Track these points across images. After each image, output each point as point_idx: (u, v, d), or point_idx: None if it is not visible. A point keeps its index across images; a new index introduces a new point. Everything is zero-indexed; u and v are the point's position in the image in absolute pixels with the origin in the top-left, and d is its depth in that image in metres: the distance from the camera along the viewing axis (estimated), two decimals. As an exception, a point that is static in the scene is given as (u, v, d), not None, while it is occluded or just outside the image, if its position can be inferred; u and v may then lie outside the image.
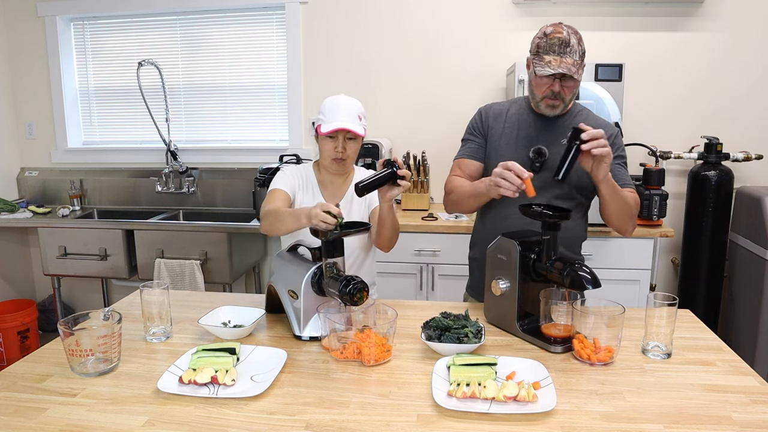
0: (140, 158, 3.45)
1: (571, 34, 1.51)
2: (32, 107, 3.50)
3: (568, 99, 1.60)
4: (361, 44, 3.13)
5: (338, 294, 1.27)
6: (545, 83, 1.57)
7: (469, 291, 1.88)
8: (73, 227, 2.90)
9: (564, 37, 1.51)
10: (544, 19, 2.93)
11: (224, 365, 1.16)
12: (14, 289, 3.49)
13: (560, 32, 1.52)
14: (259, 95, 3.35)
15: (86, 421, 1.02)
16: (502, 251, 1.39)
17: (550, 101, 1.60)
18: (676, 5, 2.83)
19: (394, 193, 1.53)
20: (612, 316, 1.24)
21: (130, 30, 3.41)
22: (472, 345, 1.26)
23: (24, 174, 3.53)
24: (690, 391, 1.12)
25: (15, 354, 3.09)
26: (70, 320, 1.21)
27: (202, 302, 1.66)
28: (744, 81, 2.85)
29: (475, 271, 1.85)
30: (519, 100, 1.75)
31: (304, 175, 1.78)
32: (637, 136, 2.86)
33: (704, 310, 2.69)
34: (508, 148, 1.68)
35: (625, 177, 1.68)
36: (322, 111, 1.68)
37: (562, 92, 1.57)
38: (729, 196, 2.66)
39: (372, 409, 1.06)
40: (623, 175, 1.68)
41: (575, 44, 1.51)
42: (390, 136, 3.11)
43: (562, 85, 1.56)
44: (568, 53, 1.50)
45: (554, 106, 1.60)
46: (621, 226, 1.63)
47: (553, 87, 1.56)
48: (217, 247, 2.78)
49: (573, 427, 0.99)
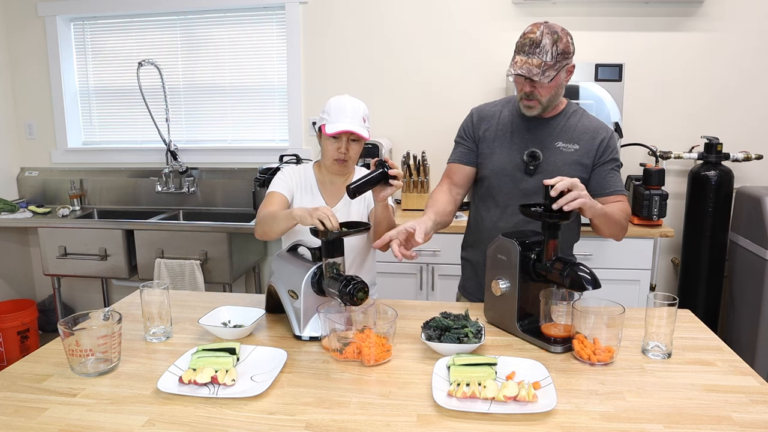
0: (140, 158, 3.45)
1: (545, 35, 1.48)
2: (32, 107, 3.50)
3: (546, 100, 1.57)
4: (361, 44, 3.13)
5: (338, 294, 1.27)
6: (519, 83, 1.57)
7: (461, 290, 1.87)
8: (73, 227, 2.90)
9: (536, 37, 1.49)
10: (543, 19, 2.93)
11: (224, 365, 1.16)
12: (14, 289, 3.49)
13: (534, 32, 1.50)
14: (259, 95, 3.35)
15: (86, 421, 1.02)
16: (502, 251, 1.39)
17: (526, 102, 1.58)
18: (676, 5, 2.83)
19: (387, 193, 1.52)
20: (612, 316, 1.24)
21: (130, 30, 3.41)
22: (472, 345, 1.26)
23: (24, 174, 3.53)
24: (690, 391, 1.12)
25: (15, 354, 3.09)
26: (70, 320, 1.21)
27: (202, 302, 1.66)
28: (744, 81, 2.85)
29: (467, 271, 1.84)
30: (512, 100, 1.72)
31: (303, 176, 1.78)
32: (637, 136, 2.86)
33: (704, 310, 2.69)
34: (502, 151, 1.67)
35: (616, 183, 1.65)
36: (327, 111, 1.67)
37: (536, 93, 1.55)
38: (729, 196, 2.66)
39: (372, 409, 1.06)
40: (615, 182, 1.64)
41: (547, 44, 1.48)
42: (390, 136, 3.11)
43: (533, 85, 1.54)
44: (536, 54, 1.48)
45: (530, 107, 1.59)
46: (612, 236, 1.62)
47: (524, 88, 1.55)
48: (217, 247, 2.78)
49: (573, 427, 0.99)
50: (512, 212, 1.65)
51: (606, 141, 1.64)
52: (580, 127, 1.65)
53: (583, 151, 1.63)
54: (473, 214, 1.80)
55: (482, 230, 1.73)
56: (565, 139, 1.63)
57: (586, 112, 1.71)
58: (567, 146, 1.63)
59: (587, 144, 1.63)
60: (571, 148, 1.63)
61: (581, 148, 1.63)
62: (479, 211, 1.75)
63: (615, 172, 1.66)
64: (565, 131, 1.64)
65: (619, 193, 1.64)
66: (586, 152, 1.63)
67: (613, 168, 1.65)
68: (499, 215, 1.68)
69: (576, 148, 1.63)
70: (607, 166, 1.64)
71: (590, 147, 1.63)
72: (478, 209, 1.76)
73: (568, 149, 1.63)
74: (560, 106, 1.67)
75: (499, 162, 1.67)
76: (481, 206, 1.74)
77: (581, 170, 1.62)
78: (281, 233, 1.60)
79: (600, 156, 1.63)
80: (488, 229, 1.70)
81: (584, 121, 1.67)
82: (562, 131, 1.64)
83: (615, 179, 1.65)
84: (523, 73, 1.48)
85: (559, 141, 1.63)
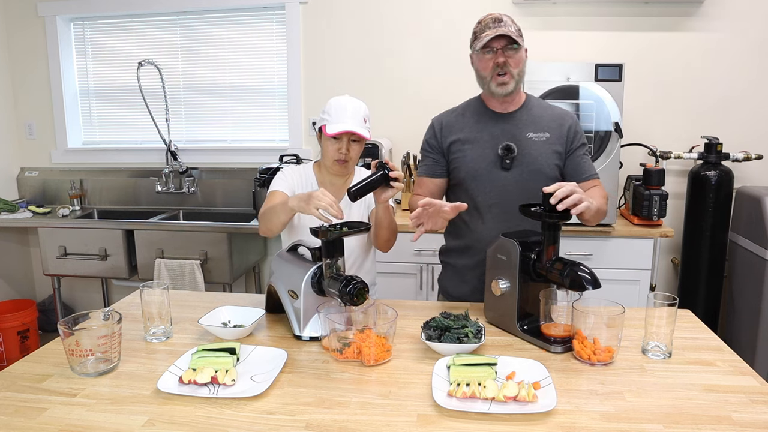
0: (140, 158, 3.45)
1: (502, 15, 1.57)
2: (32, 107, 3.50)
3: (517, 73, 1.58)
4: (361, 44, 3.13)
5: (338, 294, 1.27)
6: (489, 59, 1.57)
7: (442, 292, 1.85)
8: (73, 227, 2.90)
9: (496, 15, 1.57)
10: (544, 19, 2.94)
11: (224, 365, 1.16)
12: (14, 289, 3.49)
13: (492, 14, 1.58)
14: (259, 95, 3.35)
15: (86, 421, 1.02)
16: (502, 251, 1.39)
17: (499, 78, 1.57)
18: (676, 5, 2.83)
19: (388, 195, 1.52)
20: (612, 316, 1.24)
21: (130, 30, 3.41)
22: (472, 345, 1.26)
23: (24, 174, 3.53)
24: (690, 391, 1.12)
25: (15, 354, 3.09)
26: (70, 320, 1.21)
27: (202, 302, 1.66)
28: (744, 81, 2.85)
29: (448, 271, 1.82)
30: (471, 102, 1.74)
31: (304, 176, 1.78)
32: (637, 136, 2.86)
33: (704, 310, 2.69)
34: (474, 151, 1.65)
35: (590, 168, 1.68)
36: (328, 111, 1.66)
37: (508, 63, 1.56)
38: (729, 196, 2.66)
39: (372, 409, 1.06)
40: (589, 166, 1.68)
41: (508, 21, 1.56)
42: (390, 136, 3.11)
43: (505, 55, 1.56)
44: (502, 26, 1.54)
45: (504, 82, 1.58)
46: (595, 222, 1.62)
47: (497, 59, 1.56)
48: (217, 247, 2.78)
49: (573, 427, 0.99)
50: (497, 213, 1.63)
51: (574, 127, 1.66)
52: (546, 116, 1.66)
53: (554, 138, 1.64)
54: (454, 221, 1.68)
55: (465, 235, 1.70)
56: (534, 129, 1.64)
57: (547, 102, 1.73)
58: (538, 135, 1.64)
59: (556, 131, 1.65)
60: (542, 136, 1.64)
61: (552, 135, 1.64)
62: (460, 216, 1.65)
63: (586, 156, 1.69)
64: (532, 121, 1.65)
65: (594, 177, 1.68)
66: (557, 139, 1.64)
67: (585, 153, 1.69)
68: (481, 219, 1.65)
69: (547, 136, 1.64)
70: (579, 151, 1.67)
71: (560, 134, 1.65)
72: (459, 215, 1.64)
73: (540, 138, 1.64)
74: (521, 98, 1.68)
75: (473, 162, 1.65)
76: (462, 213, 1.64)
77: (557, 158, 1.64)
78: (283, 226, 1.60)
79: (571, 143, 1.66)
80: (477, 232, 1.67)
81: (548, 110, 1.69)
82: (530, 122, 1.65)
83: (588, 164, 1.68)
84: (503, 32, 1.51)
85: (529, 131, 1.64)
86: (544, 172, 1.63)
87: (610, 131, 2.45)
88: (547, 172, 1.63)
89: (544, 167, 1.63)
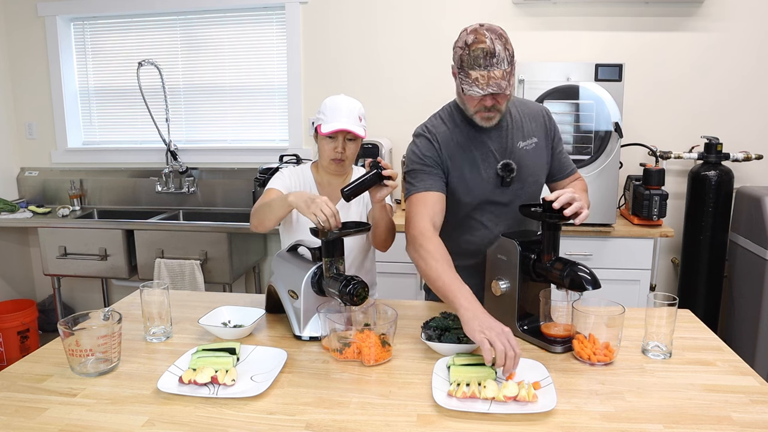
0: (140, 158, 3.45)
1: (494, 41, 1.35)
2: (32, 107, 3.50)
3: (505, 106, 1.47)
4: (361, 44, 3.13)
5: (338, 294, 1.27)
6: (476, 99, 1.43)
7: (426, 289, 1.84)
8: (73, 227, 2.90)
9: (488, 47, 1.34)
10: (544, 19, 2.94)
11: (224, 365, 1.16)
12: (14, 289, 3.49)
13: (482, 42, 1.35)
14: (259, 95, 3.35)
15: (86, 421, 1.02)
16: (502, 251, 1.39)
17: (485, 114, 1.47)
18: (676, 5, 2.83)
19: (383, 194, 1.51)
20: (612, 316, 1.24)
21: (130, 30, 3.41)
22: (472, 345, 1.26)
23: (24, 174, 3.53)
24: (690, 391, 1.12)
25: (15, 354, 3.09)
26: (70, 320, 1.21)
27: (202, 302, 1.66)
28: (744, 81, 2.85)
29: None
30: (452, 117, 1.58)
31: (302, 177, 1.78)
32: (637, 136, 2.86)
33: (704, 310, 2.69)
34: (472, 174, 1.55)
35: (568, 163, 1.68)
36: (322, 111, 1.67)
37: (497, 103, 1.44)
38: (729, 196, 2.66)
39: (372, 409, 1.06)
40: (568, 161, 1.68)
41: (501, 51, 1.35)
42: (390, 136, 3.11)
43: (494, 98, 1.43)
44: (495, 65, 1.35)
45: (490, 117, 1.48)
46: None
47: (485, 103, 1.43)
48: (217, 247, 2.78)
49: (573, 427, 0.99)
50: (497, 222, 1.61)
51: (551, 121, 1.64)
52: (525, 118, 1.60)
53: (542, 142, 1.61)
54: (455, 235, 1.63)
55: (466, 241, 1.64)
56: (522, 137, 1.57)
57: (517, 98, 1.64)
58: (528, 143, 1.58)
59: (541, 132, 1.60)
60: (531, 143, 1.58)
61: (539, 140, 1.60)
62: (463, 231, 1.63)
63: (563, 149, 1.68)
64: (517, 128, 1.57)
65: (575, 170, 1.68)
66: (543, 140, 1.61)
67: (562, 147, 1.67)
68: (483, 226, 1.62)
69: (536, 142, 1.59)
70: (558, 147, 1.65)
71: (545, 134, 1.61)
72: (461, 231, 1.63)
73: (530, 145, 1.58)
74: None
75: (475, 187, 1.56)
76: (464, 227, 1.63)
77: (547, 160, 1.63)
78: (277, 221, 1.58)
79: (552, 139, 1.63)
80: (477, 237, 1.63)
81: (522, 107, 1.61)
82: (515, 128, 1.57)
83: (567, 158, 1.68)
84: (493, 90, 1.36)
85: (518, 141, 1.57)
86: (541, 182, 1.64)
87: (610, 131, 2.45)
88: (542, 180, 1.65)
89: (540, 177, 1.63)
